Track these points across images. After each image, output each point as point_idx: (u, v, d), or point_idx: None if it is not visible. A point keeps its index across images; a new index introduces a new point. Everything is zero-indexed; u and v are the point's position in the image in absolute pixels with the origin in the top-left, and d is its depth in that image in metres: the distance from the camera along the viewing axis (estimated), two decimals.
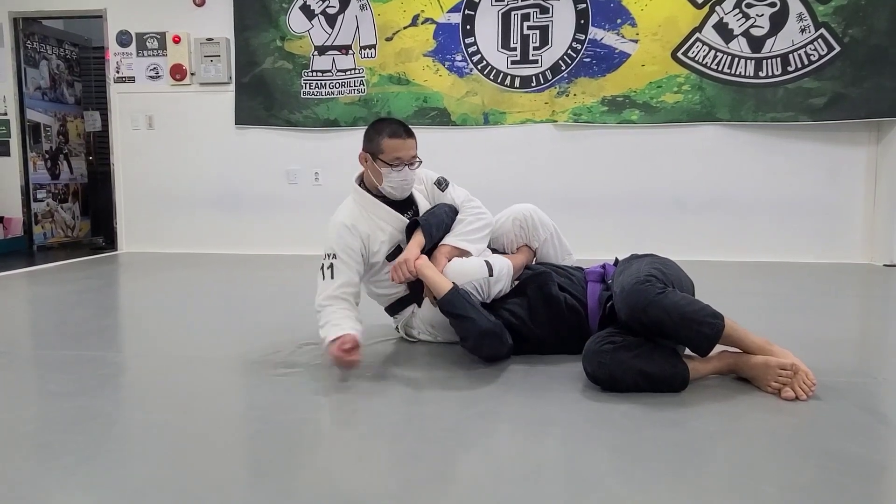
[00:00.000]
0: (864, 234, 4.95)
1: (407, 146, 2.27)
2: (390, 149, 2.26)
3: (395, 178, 2.28)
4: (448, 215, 2.37)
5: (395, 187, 2.31)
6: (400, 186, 2.31)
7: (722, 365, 1.99)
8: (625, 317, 1.95)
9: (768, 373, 1.88)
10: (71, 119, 6.65)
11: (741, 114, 4.94)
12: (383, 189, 2.32)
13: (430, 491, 1.34)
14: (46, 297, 3.72)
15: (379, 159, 2.28)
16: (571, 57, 5.07)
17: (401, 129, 2.29)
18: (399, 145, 2.26)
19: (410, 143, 2.29)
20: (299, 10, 5.34)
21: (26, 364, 2.34)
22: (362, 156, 2.35)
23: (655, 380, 1.89)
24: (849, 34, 4.73)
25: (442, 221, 2.34)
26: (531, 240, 2.47)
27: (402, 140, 2.27)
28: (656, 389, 1.88)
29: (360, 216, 2.31)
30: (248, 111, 5.51)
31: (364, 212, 2.32)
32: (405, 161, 2.27)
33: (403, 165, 2.27)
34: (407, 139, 2.28)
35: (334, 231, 2.27)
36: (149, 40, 5.61)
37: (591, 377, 1.93)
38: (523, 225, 2.44)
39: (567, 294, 2.25)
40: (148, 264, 4.98)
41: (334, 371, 2.12)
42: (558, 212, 5.29)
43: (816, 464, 1.45)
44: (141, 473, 1.42)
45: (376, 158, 2.29)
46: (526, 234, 2.45)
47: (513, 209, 2.50)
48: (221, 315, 3.01)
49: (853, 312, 3.43)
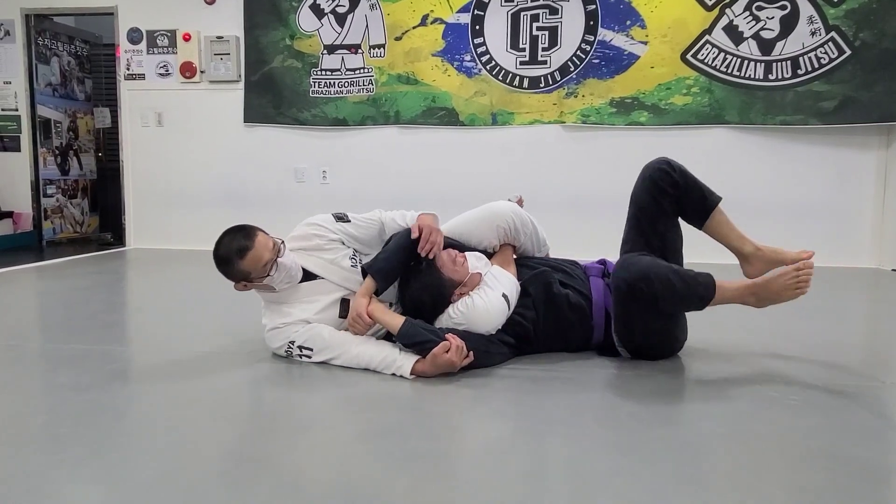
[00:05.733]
0: (873, 238, 4.93)
1: (259, 252, 2.07)
2: (251, 267, 2.08)
3: (281, 276, 2.14)
4: (394, 246, 2.27)
5: (289, 280, 2.18)
6: (291, 277, 2.18)
7: (743, 289, 2.12)
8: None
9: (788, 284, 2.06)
10: (81, 115, 6.68)
11: (750, 116, 4.92)
12: (282, 290, 2.20)
13: (434, 490, 1.35)
14: (55, 292, 3.74)
15: (255, 280, 2.13)
16: (580, 58, 5.07)
17: (242, 244, 2.08)
18: (255, 258, 2.07)
19: (259, 244, 2.08)
20: (309, 8, 5.36)
21: (36, 358, 2.36)
22: (238, 287, 2.17)
23: (687, 278, 2.06)
24: (860, 37, 4.71)
25: (387, 259, 2.23)
26: (513, 241, 2.41)
27: (253, 251, 2.07)
28: (688, 291, 2.05)
29: (283, 313, 2.22)
30: (256, 109, 5.53)
31: (285, 308, 2.22)
32: (272, 259, 2.09)
33: (274, 261, 2.10)
34: (255, 242, 2.08)
35: (271, 335, 2.21)
36: (159, 38, 5.64)
37: (625, 282, 2.05)
38: (508, 231, 2.36)
39: (570, 290, 2.26)
40: (155, 260, 5.00)
41: (340, 370, 2.12)
42: (565, 213, 5.34)
43: (824, 467, 1.44)
44: (149, 466, 1.43)
45: (252, 281, 2.13)
46: (509, 237, 2.39)
47: (493, 213, 2.37)
48: (228, 311, 3.02)
49: (861, 316, 3.41)
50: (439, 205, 4.99)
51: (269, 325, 2.23)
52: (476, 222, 2.39)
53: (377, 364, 2.08)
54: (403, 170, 5.40)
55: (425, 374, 2.03)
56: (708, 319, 2.56)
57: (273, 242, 2.13)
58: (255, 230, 2.14)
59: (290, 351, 2.20)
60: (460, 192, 5.21)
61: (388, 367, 2.07)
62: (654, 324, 2.18)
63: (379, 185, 5.41)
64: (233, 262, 2.08)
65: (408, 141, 5.39)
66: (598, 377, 2.08)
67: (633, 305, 2.12)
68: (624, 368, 2.16)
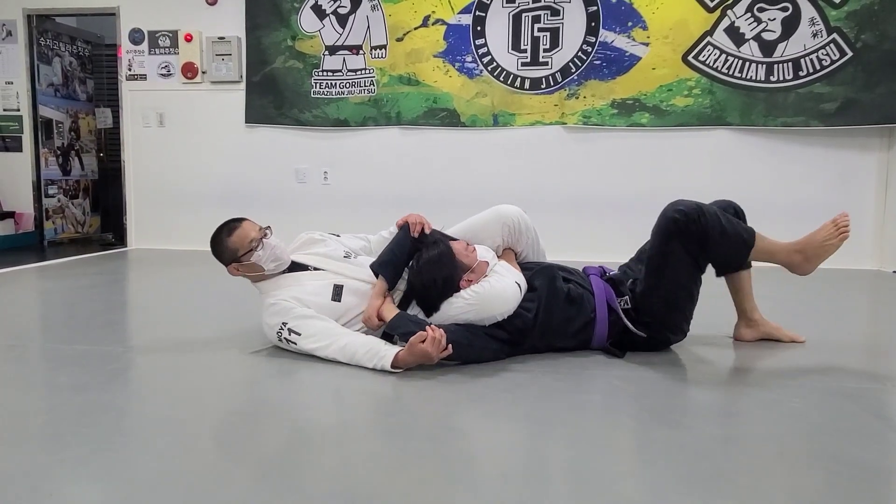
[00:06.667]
0: (874, 240, 4.92)
1: (245, 230, 2.29)
2: (239, 243, 2.27)
3: (267, 254, 2.27)
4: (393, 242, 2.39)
5: (275, 260, 2.29)
6: (277, 256, 2.29)
7: (788, 246, 2.31)
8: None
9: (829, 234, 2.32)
10: (83, 116, 6.69)
11: (752, 118, 4.92)
12: (271, 271, 2.31)
13: (436, 490, 1.34)
14: (57, 292, 3.74)
15: (242, 258, 2.28)
16: (582, 59, 5.07)
17: (231, 224, 2.32)
18: (241, 234, 2.27)
19: (246, 225, 2.31)
20: (311, 9, 5.36)
21: (37, 357, 2.36)
22: (231, 269, 2.33)
23: (732, 220, 2.22)
24: (861, 39, 4.71)
25: (391, 251, 2.35)
26: (515, 244, 2.45)
27: (240, 228, 2.29)
28: (734, 230, 2.20)
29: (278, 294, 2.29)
30: (258, 110, 5.54)
31: (276, 291, 2.30)
32: (258, 237, 2.27)
33: (260, 240, 2.26)
34: (242, 224, 2.31)
35: (269, 312, 2.26)
36: (161, 38, 5.65)
37: (683, 213, 2.15)
38: (512, 230, 2.40)
39: (571, 284, 2.30)
40: (157, 261, 5.01)
41: (342, 370, 2.12)
42: (566, 214, 5.34)
43: (824, 469, 1.44)
44: (150, 466, 1.43)
45: (240, 259, 2.28)
46: (512, 238, 2.43)
47: (500, 212, 2.43)
48: (229, 311, 3.02)
49: (862, 318, 3.41)
50: (440, 206, 5.04)
51: (266, 303, 2.29)
52: (482, 223, 2.45)
53: (363, 355, 2.11)
54: (404, 171, 5.41)
55: (406, 364, 2.06)
56: (708, 320, 2.56)
57: (260, 227, 2.32)
58: (243, 217, 2.37)
59: (281, 333, 2.23)
60: (461, 193, 5.22)
61: (372, 359, 2.08)
62: (682, 276, 2.22)
63: (380, 186, 5.42)
64: (222, 241, 2.29)
65: (409, 142, 5.39)
66: (598, 378, 2.08)
67: (679, 243, 2.17)
68: (624, 369, 2.16)
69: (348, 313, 2.28)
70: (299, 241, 2.48)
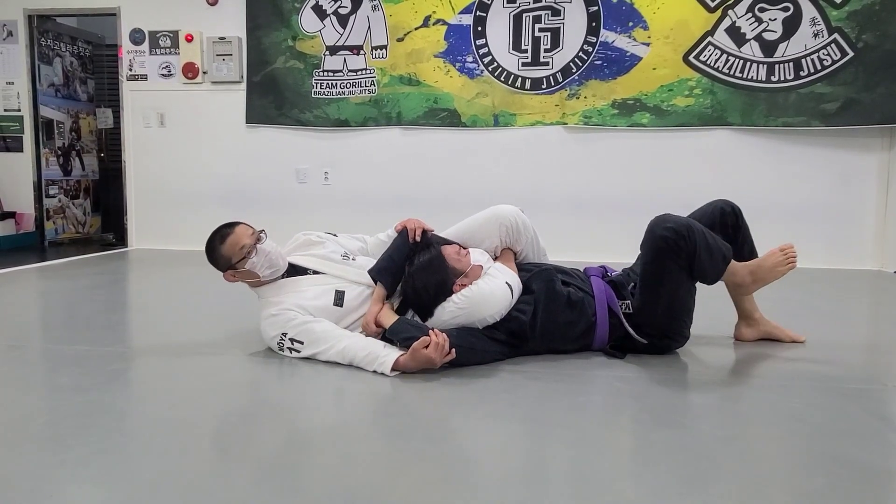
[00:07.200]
0: (875, 240, 4.92)
1: (238, 236, 2.25)
2: (231, 251, 2.24)
3: (262, 260, 2.24)
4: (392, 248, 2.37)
5: (270, 266, 2.27)
6: (273, 262, 2.27)
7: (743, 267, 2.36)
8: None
9: (778, 261, 2.33)
10: (83, 116, 6.69)
11: (752, 118, 4.92)
12: (267, 277, 2.29)
13: (437, 491, 1.34)
14: (57, 292, 3.74)
15: (237, 265, 2.26)
16: (582, 59, 5.07)
17: (223, 230, 2.28)
18: (234, 241, 2.24)
19: (239, 230, 2.27)
20: (311, 9, 5.36)
21: (38, 358, 2.36)
22: (227, 276, 2.31)
23: (714, 236, 2.24)
24: (862, 39, 4.70)
25: (389, 258, 2.33)
26: (514, 244, 2.42)
27: (232, 235, 2.26)
28: (717, 245, 2.21)
29: (279, 302, 2.27)
30: (258, 110, 5.54)
31: (281, 298, 2.28)
32: (251, 243, 2.24)
33: (254, 246, 2.24)
34: (235, 230, 2.27)
35: (268, 323, 2.25)
36: (161, 38, 5.65)
37: (673, 231, 2.14)
38: (510, 230, 2.38)
39: (571, 288, 2.28)
40: (157, 261, 5.01)
41: (342, 370, 2.12)
42: (567, 214, 5.34)
43: (826, 470, 1.44)
44: (151, 466, 1.43)
45: (234, 266, 2.26)
46: (510, 238, 2.40)
47: (496, 213, 2.40)
48: (230, 312, 3.02)
49: (863, 319, 3.41)
50: (441, 206, 5.05)
51: (265, 314, 2.28)
52: (479, 223, 2.43)
53: (362, 359, 2.10)
54: (405, 171, 5.41)
55: (407, 369, 2.04)
56: (708, 320, 2.56)
57: (253, 231, 2.29)
58: (237, 222, 2.32)
59: (282, 343, 2.22)
60: (462, 194, 5.22)
61: (372, 363, 2.08)
62: (680, 289, 2.23)
63: (381, 186, 5.42)
64: (215, 248, 2.26)
65: (410, 142, 5.39)
66: (598, 378, 2.08)
67: (671, 261, 2.17)
68: (624, 370, 2.16)
69: (350, 316, 2.28)
70: (296, 242, 2.47)
